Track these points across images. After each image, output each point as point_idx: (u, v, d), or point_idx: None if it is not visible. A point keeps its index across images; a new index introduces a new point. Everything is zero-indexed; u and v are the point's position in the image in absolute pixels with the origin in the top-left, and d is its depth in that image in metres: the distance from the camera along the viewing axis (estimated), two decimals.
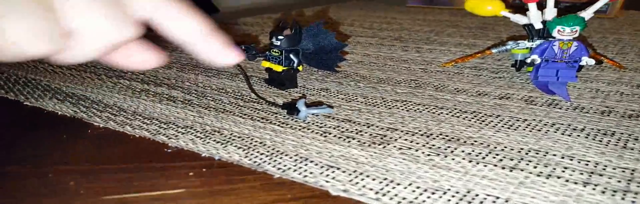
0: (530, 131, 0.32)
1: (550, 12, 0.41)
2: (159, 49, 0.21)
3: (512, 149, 0.29)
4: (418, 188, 0.25)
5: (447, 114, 0.35)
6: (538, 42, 0.42)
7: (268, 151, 0.29)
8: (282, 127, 0.33)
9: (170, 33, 0.20)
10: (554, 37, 0.39)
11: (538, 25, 0.41)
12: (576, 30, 0.38)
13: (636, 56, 0.51)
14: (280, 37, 0.40)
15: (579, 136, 0.31)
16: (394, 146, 0.30)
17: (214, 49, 0.21)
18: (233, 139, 0.31)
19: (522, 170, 0.26)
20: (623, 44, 0.57)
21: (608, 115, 0.34)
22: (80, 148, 0.31)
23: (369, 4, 0.99)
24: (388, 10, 0.88)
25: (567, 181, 0.25)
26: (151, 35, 0.21)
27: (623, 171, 0.26)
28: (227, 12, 0.97)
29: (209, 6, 0.98)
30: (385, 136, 0.31)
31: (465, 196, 0.24)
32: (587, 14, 0.40)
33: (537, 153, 0.28)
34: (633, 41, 0.58)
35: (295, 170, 0.27)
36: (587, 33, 0.63)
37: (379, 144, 0.30)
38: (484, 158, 0.28)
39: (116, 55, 0.21)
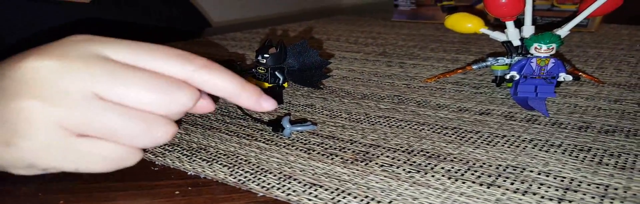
0: (509, 147, 0.33)
1: (528, 29, 0.42)
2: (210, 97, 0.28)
3: (490, 166, 0.30)
4: None
5: (428, 130, 0.36)
6: (517, 58, 0.43)
7: (253, 169, 0.30)
8: (267, 144, 0.34)
9: (213, 92, 0.26)
10: (531, 54, 0.40)
11: (516, 43, 0.43)
12: (552, 48, 0.39)
13: (615, 71, 0.52)
14: (265, 55, 0.41)
15: (556, 152, 0.32)
16: (376, 163, 0.30)
17: (250, 101, 0.28)
18: (219, 157, 0.32)
19: (499, 187, 0.27)
20: (603, 58, 0.59)
21: (585, 130, 0.35)
22: None
23: (354, 18, 1.00)
24: (373, 25, 0.90)
25: (542, 197, 0.26)
26: None
27: (597, 187, 0.27)
28: (217, 27, 0.98)
29: (200, 19, 0.99)
30: (367, 152, 0.32)
31: None
32: (563, 31, 0.41)
33: (514, 170, 0.29)
34: (612, 55, 0.60)
35: (278, 188, 0.28)
36: (568, 47, 0.65)
37: (362, 161, 0.31)
38: (462, 174, 0.29)
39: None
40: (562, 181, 0.28)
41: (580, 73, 0.47)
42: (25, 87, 0.23)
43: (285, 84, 0.43)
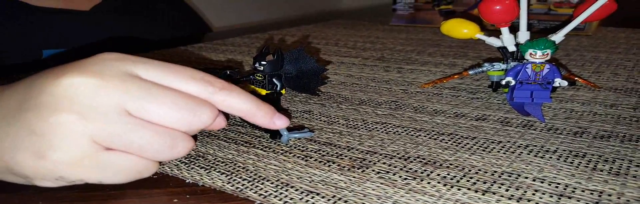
0: (504, 153, 0.33)
1: (523, 35, 0.42)
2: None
3: (485, 172, 0.30)
4: None
5: (425, 136, 0.36)
6: (512, 64, 0.43)
7: (250, 177, 0.30)
8: (264, 151, 0.34)
9: (231, 111, 0.29)
10: (527, 60, 0.41)
11: (511, 48, 0.43)
12: (547, 54, 0.39)
13: (612, 75, 0.53)
14: (263, 62, 0.41)
15: (551, 158, 0.32)
16: (373, 170, 0.31)
17: (264, 120, 0.30)
18: (217, 165, 0.32)
19: (494, 193, 0.27)
20: (599, 62, 0.59)
21: (580, 136, 0.36)
22: None
23: (353, 23, 1.01)
24: (371, 29, 0.90)
25: None
26: None
27: (591, 193, 0.27)
28: (217, 32, 0.99)
29: (201, 25, 1.00)
30: (364, 159, 0.32)
31: None
32: (558, 37, 0.41)
33: (509, 176, 0.30)
34: (609, 59, 0.60)
35: (276, 196, 0.28)
36: (565, 51, 0.65)
37: (358, 168, 0.31)
38: (458, 181, 0.29)
39: None
40: (557, 187, 0.28)
41: (576, 78, 0.47)
42: (65, 103, 0.25)
43: (283, 91, 0.43)
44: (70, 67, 0.26)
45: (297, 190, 0.28)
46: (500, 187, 0.28)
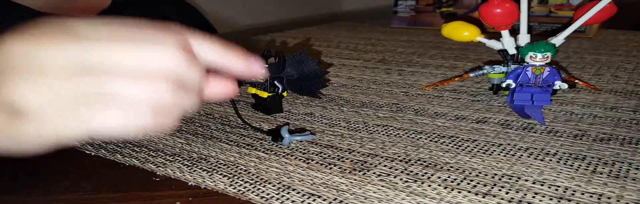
0: (505, 156, 0.33)
1: (524, 38, 0.43)
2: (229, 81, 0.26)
3: (486, 175, 0.30)
4: None
5: (426, 139, 0.37)
6: (513, 66, 0.43)
7: (252, 179, 0.31)
8: (266, 153, 0.35)
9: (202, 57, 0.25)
10: (527, 63, 0.41)
11: (512, 51, 0.43)
12: (547, 56, 0.40)
13: (612, 77, 0.53)
14: (265, 65, 0.41)
15: (551, 160, 0.32)
16: (374, 173, 0.31)
17: (238, 64, 0.26)
18: (219, 167, 0.33)
19: (494, 196, 0.28)
20: (600, 64, 0.59)
21: (580, 139, 0.36)
22: (74, 177, 0.32)
23: (354, 24, 1.01)
24: (373, 31, 0.90)
25: None
26: None
27: (591, 196, 0.27)
28: (220, 34, 0.99)
29: (208, 27, 1.00)
30: (365, 162, 0.33)
31: None
32: (558, 40, 0.42)
33: (510, 179, 0.30)
34: (610, 62, 0.60)
35: (278, 199, 0.28)
36: (566, 54, 0.65)
37: (360, 171, 0.31)
38: (458, 184, 0.29)
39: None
40: (557, 190, 0.28)
41: (576, 80, 0.47)
42: None
43: (285, 93, 0.43)
44: None
45: (298, 193, 0.29)
46: (500, 190, 0.28)
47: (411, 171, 0.31)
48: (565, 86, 0.40)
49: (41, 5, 0.74)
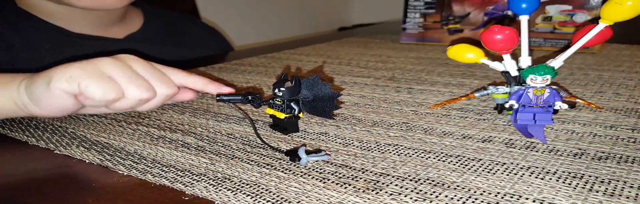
0: (508, 175, 0.35)
1: (525, 60, 0.45)
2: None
3: (489, 194, 0.33)
4: None
5: (434, 158, 0.39)
6: (515, 88, 0.46)
7: (273, 199, 0.33)
8: (285, 173, 0.37)
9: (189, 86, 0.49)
10: (528, 84, 0.43)
11: (514, 73, 0.46)
12: (547, 79, 0.42)
13: (613, 95, 0.55)
14: (282, 88, 0.44)
15: (550, 179, 0.35)
16: (386, 192, 0.34)
17: (195, 83, 0.50)
18: (242, 187, 0.35)
19: None
20: (602, 81, 0.61)
21: (580, 157, 0.38)
22: (109, 197, 0.35)
23: (365, 40, 1.04)
24: (383, 48, 0.93)
25: None
26: None
27: None
28: (235, 52, 1.02)
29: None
30: (378, 181, 0.35)
31: None
32: (557, 62, 0.44)
33: (511, 197, 0.32)
34: (612, 78, 0.63)
35: None
36: (570, 70, 0.68)
37: (372, 190, 0.34)
38: (464, 202, 0.32)
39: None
40: None
41: (577, 99, 0.50)
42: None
43: (301, 114, 0.46)
44: None
45: None
46: None
47: (420, 190, 0.34)
48: (565, 106, 0.43)
49: (82, 29, 0.78)
